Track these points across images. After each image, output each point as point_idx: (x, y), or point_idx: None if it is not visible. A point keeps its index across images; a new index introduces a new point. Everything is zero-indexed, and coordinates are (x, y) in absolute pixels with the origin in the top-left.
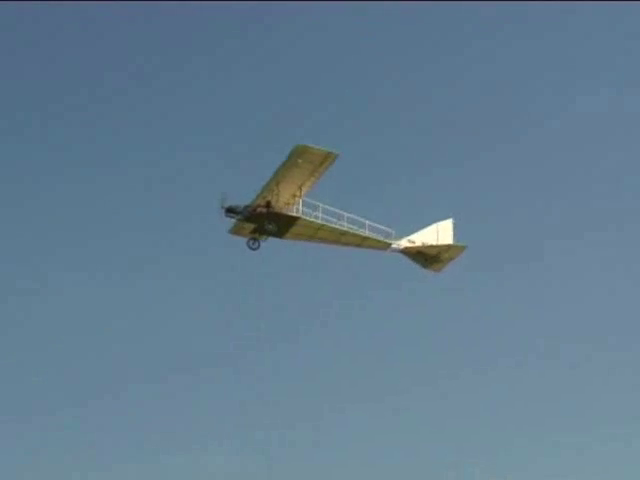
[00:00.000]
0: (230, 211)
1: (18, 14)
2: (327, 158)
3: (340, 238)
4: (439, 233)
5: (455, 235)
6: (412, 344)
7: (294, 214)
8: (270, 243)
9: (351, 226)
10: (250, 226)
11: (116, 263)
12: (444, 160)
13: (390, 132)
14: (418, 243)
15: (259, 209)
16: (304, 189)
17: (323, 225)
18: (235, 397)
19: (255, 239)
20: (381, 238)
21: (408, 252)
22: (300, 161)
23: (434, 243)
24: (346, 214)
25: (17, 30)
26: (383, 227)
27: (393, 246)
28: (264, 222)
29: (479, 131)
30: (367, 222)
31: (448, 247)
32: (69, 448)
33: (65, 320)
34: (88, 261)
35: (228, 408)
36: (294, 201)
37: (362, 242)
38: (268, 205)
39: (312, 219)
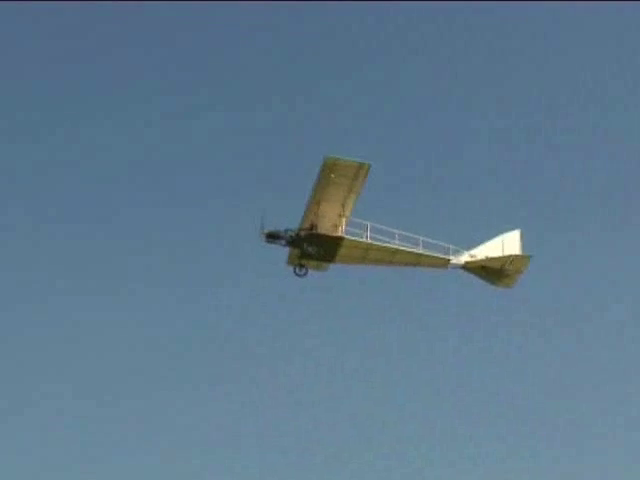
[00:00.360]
0: (271, 237)
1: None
2: (360, 170)
3: (393, 257)
4: (504, 246)
5: (523, 247)
6: None
7: (336, 234)
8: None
9: (404, 244)
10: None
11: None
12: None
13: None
14: (481, 257)
15: (302, 232)
16: (347, 207)
17: (371, 244)
18: None
19: (302, 265)
20: (439, 254)
21: (470, 268)
22: (333, 176)
23: (499, 256)
24: (397, 231)
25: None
26: (440, 243)
27: (453, 262)
28: (304, 245)
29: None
30: (421, 238)
31: (510, 258)
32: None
33: None
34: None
35: None
36: (340, 222)
37: (418, 260)
38: (312, 228)
39: (358, 239)
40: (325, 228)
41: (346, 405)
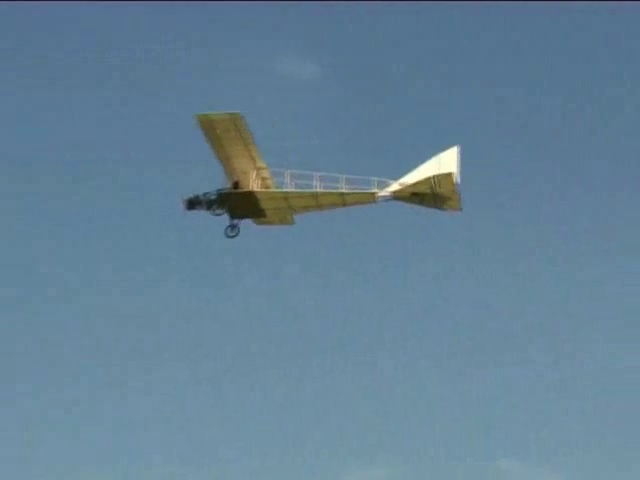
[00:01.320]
0: (191, 204)
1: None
2: (236, 121)
3: (317, 201)
4: (441, 166)
5: (462, 165)
6: None
7: (247, 189)
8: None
9: (327, 186)
10: None
11: None
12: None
13: None
14: (410, 183)
15: (218, 194)
16: (256, 160)
17: (287, 192)
18: None
19: (233, 226)
20: (363, 190)
21: (402, 197)
22: (218, 131)
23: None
24: (317, 174)
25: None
26: (364, 177)
27: (380, 194)
28: (214, 207)
29: None
30: (344, 176)
31: (434, 179)
32: None
33: None
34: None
35: None
36: (261, 174)
37: (343, 199)
38: (236, 186)
39: (271, 190)
40: (246, 184)
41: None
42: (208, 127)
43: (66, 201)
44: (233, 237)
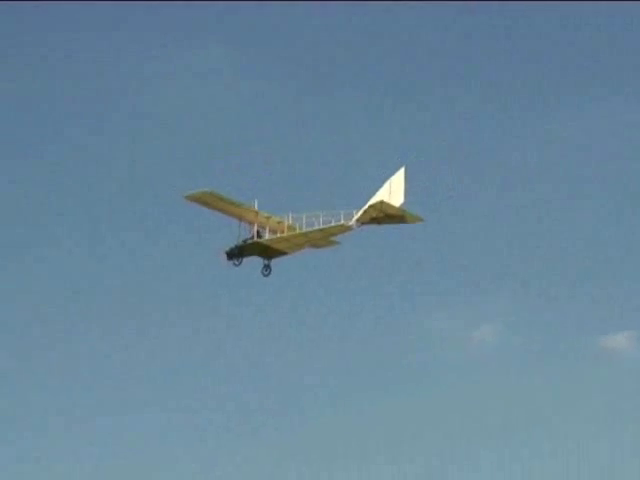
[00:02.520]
0: (229, 255)
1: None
2: (212, 195)
3: (307, 238)
4: (392, 188)
5: (407, 184)
6: None
7: (255, 240)
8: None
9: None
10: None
11: None
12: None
13: None
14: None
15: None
16: (258, 214)
17: (282, 236)
18: None
19: (266, 266)
20: (336, 224)
21: (366, 222)
22: (210, 202)
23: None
24: (290, 214)
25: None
26: (333, 211)
27: (350, 224)
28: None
29: None
30: (321, 215)
31: (378, 205)
32: None
33: None
34: None
35: None
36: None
37: (324, 234)
38: (258, 235)
39: (270, 237)
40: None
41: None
42: (199, 202)
43: None
44: (267, 275)
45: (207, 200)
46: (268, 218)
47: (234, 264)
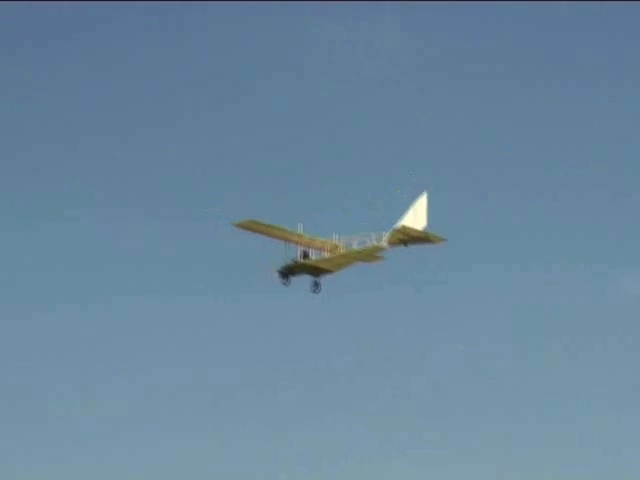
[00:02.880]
0: (281, 274)
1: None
2: (254, 222)
3: (347, 260)
4: (417, 212)
5: (430, 208)
6: None
7: (300, 262)
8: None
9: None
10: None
11: None
12: None
13: None
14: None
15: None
16: (302, 236)
17: (325, 257)
18: None
19: (316, 283)
20: (369, 246)
21: (396, 244)
22: (257, 228)
23: (412, 225)
24: (334, 235)
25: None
26: (364, 234)
27: (383, 246)
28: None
29: None
30: (355, 237)
31: (401, 230)
32: None
33: None
34: None
35: None
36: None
37: (362, 254)
38: (305, 254)
39: (315, 257)
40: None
41: None
42: (248, 229)
43: None
44: (317, 292)
45: (253, 227)
46: (312, 240)
47: (283, 284)
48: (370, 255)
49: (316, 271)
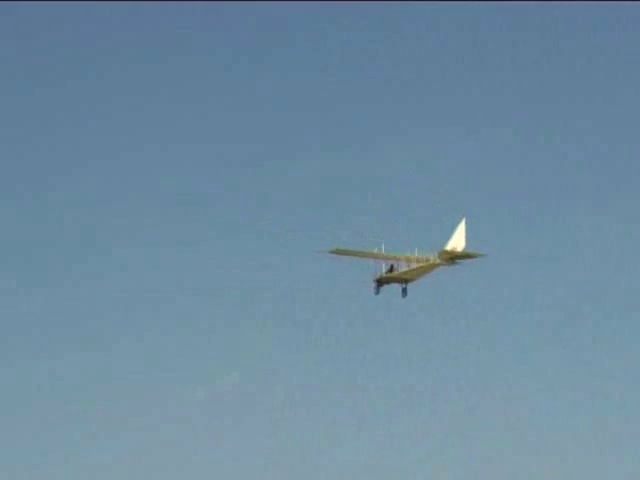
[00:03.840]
0: (378, 282)
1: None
2: (340, 250)
3: (421, 272)
4: (459, 239)
5: (468, 232)
6: None
7: (385, 275)
8: None
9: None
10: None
11: None
12: None
13: None
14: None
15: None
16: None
17: (405, 270)
18: None
19: (404, 290)
20: (433, 261)
21: (446, 262)
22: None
23: (454, 247)
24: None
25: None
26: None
27: (440, 262)
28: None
29: None
30: (422, 255)
31: (447, 252)
32: None
33: None
34: None
35: None
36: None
37: (427, 270)
38: (391, 269)
39: (394, 271)
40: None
41: None
42: (341, 254)
43: None
44: (404, 296)
45: (343, 252)
46: (394, 257)
47: (375, 293)
48: (433, 268)
49: (399, 281)
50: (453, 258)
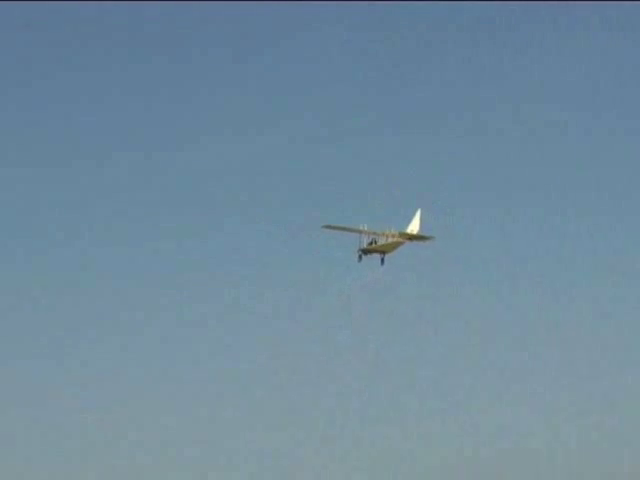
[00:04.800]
0: (363, 252)
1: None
2: (330, 226)
3: (393, 246)
4: (415, 222)
5: (422, 221)
6: None
7: (367, 247)
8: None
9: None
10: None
11: None
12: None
13: None
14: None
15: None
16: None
17: (380, 244)
18: None
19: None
20: (398, 239)
21: (406, 239)
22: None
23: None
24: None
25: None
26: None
27: (403, 240)
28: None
29: None
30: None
31: (404, 234)
32: None
33: None
34: None
35: None
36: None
37: (398, 243)
38: (373, 242)
39: (373, 245)
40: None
41: None
42: (333, 229)
43: None
44: (382, 264)
45: (335, 227)
46: (375, 233)
47: (358, 261)
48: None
49: (377, 252)
50: (410, 238)
